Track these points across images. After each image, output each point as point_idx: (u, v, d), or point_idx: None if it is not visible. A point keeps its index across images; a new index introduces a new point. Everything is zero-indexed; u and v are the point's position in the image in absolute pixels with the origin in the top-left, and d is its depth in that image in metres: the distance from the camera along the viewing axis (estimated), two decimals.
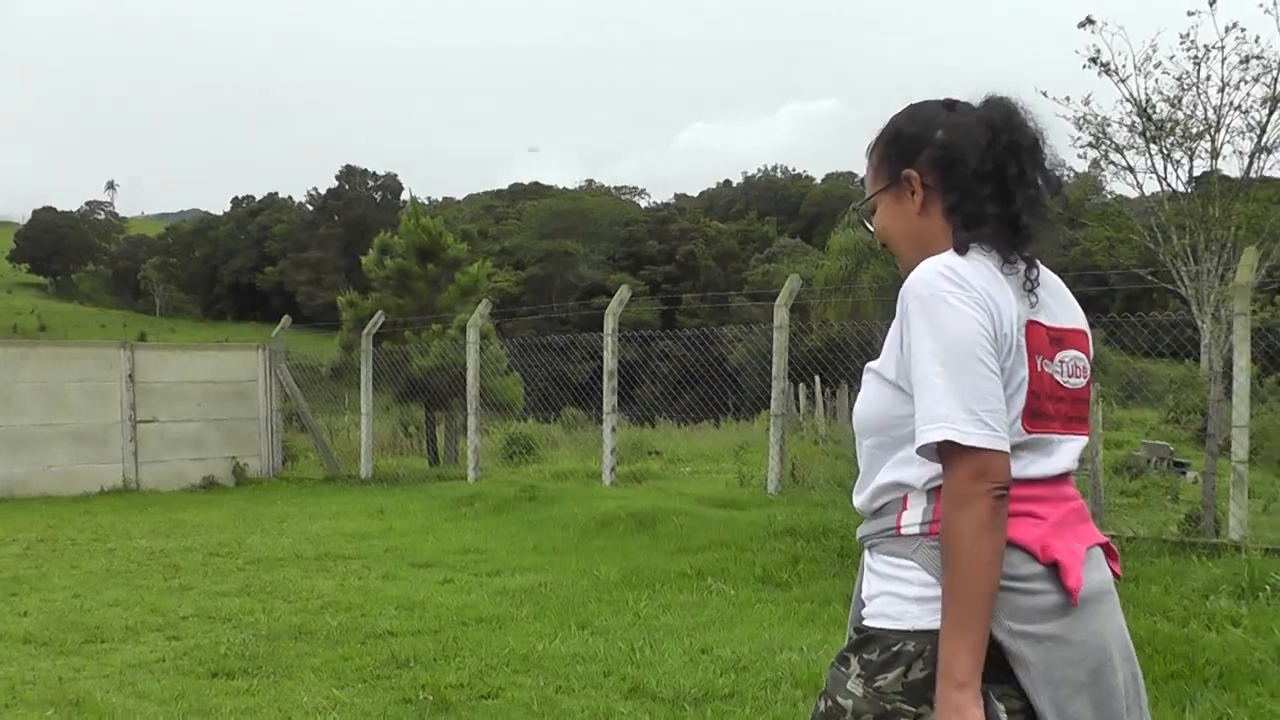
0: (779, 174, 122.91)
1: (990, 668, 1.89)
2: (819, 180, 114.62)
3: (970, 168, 2.10)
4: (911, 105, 2.25)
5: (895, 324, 2.04)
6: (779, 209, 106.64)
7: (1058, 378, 2.06)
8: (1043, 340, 2.04)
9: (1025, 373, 2.00)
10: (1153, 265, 31.28)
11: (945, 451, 1.92)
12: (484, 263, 20.97)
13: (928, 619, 1.96)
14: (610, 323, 13.79)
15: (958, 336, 1.93)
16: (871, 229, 2.28)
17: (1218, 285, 28.78)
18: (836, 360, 16.71)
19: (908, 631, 1.97)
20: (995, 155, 2.10)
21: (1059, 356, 2.08)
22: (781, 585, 8.21)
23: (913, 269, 2.07)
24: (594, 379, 19.58)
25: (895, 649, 1.97)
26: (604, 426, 13.79)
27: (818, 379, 24.31)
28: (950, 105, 2.21)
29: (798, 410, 24.15)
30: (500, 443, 19.61)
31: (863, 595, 2.12)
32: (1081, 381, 2.12)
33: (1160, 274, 30.57)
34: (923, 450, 1.95)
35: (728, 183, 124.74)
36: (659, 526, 10.48)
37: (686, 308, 68.21)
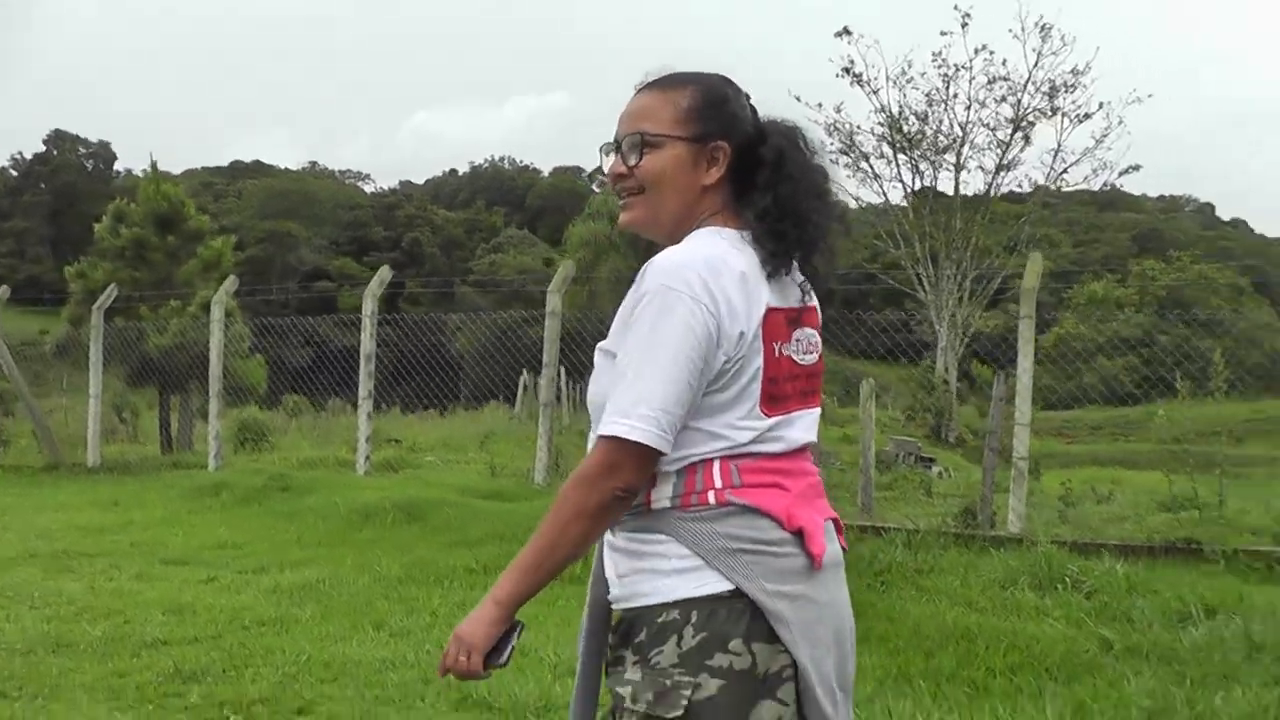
0: (506, 165, 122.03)
1: (760, 625, 1.97)
2: (546, 173, 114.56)
3: (776, 172, 2.15)
4: (725, 77, 2.24)
5: (628, 301, 2.04)
6: (505, 200, 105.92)
7: (795, 357, 2.13)
8: (781, 325, 2.09)
9: (760, 361, 2.05)
10: (890, 269, 32.55)
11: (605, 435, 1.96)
12: (229, 238, 19.64)
13: (688, 588, 1.98)
14: (369, 304, 13.25)
15: (669, 337, 1.95)
16: (632, 161, 2.18)
17: (955, 292, 30.17)
18: (572, 351, 16.46)
19: (670, 603, 1.98)
20: (798, 167, 2.17)
21: (795, 336, 2.13)
22: (576, 580, 7.78)
23: (659, 217, 2.18)
24: (314, 366, 18.84)
25: (661, 621, 1.98)
26: (359, 412, 13.19)
27: (563, 370, 24.13)
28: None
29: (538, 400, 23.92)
30: (232, 429, 18.45)
31: (612, 575, 2.11)
32: (814, 357, 2.19)
33: (899, 278, 31.84)
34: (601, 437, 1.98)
35: (454, 171, 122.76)
36: (429, 518, 9.97)
37: (410, 294, 66.93)
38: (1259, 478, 15.17)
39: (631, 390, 1.96)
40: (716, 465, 2.02)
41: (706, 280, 1.98)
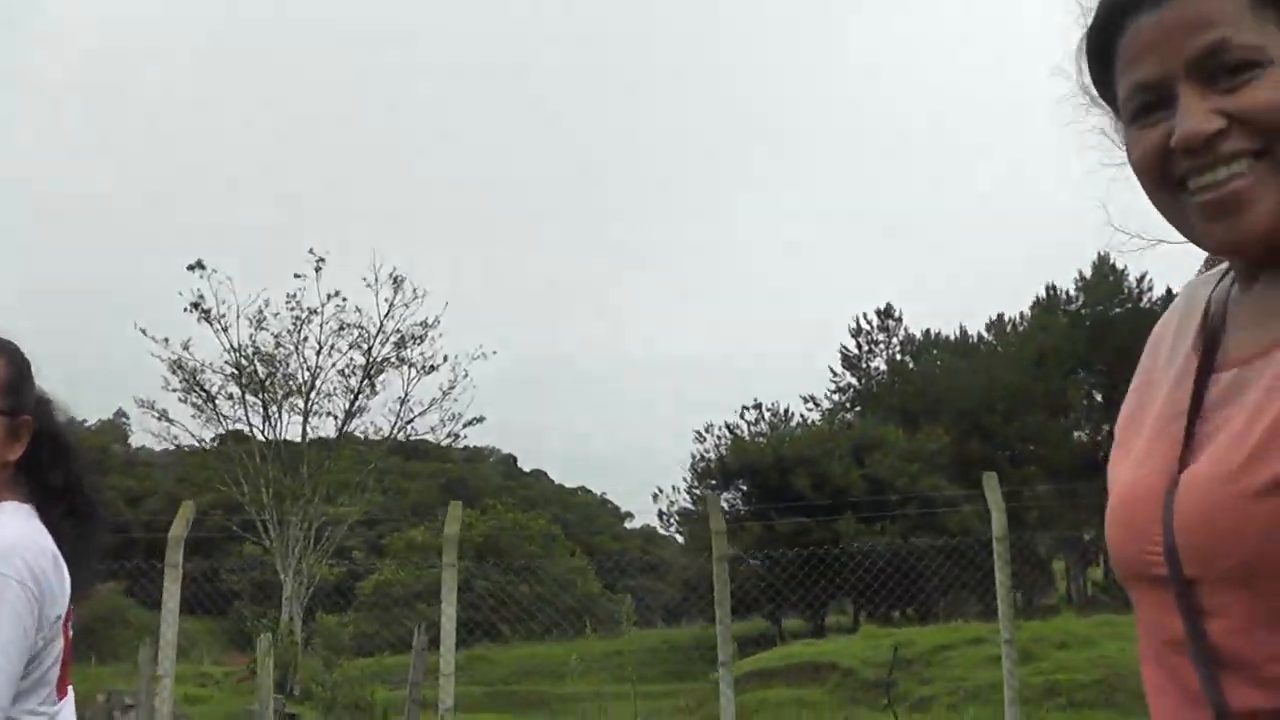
0: None
1: None
2: None
3: (59, 448, 2.14)
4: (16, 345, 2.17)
5: None
6: None
7: (69, 637, 2.09)
8: (69, 605, 2.06)
9: (61, 644, 2.02)
10: (233, 513, 31.32)
11: None
12: None
13: None
14: None
15: (14, 632, 1.89)
16: None
17: (301, 539, 29.56)
18: None
19: None
20: (73, 440, 2.18)
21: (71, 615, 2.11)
22: None
23: None
24: None
25: None
26: None
27: None
28: None
29: None
30: None
31: None
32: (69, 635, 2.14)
33: (245, 525, 30.70)
34: None
35: None
36: None
37: None
38: (589, 712, 16.56)
39: None
40: None
41: (32, 565, 1.93)
